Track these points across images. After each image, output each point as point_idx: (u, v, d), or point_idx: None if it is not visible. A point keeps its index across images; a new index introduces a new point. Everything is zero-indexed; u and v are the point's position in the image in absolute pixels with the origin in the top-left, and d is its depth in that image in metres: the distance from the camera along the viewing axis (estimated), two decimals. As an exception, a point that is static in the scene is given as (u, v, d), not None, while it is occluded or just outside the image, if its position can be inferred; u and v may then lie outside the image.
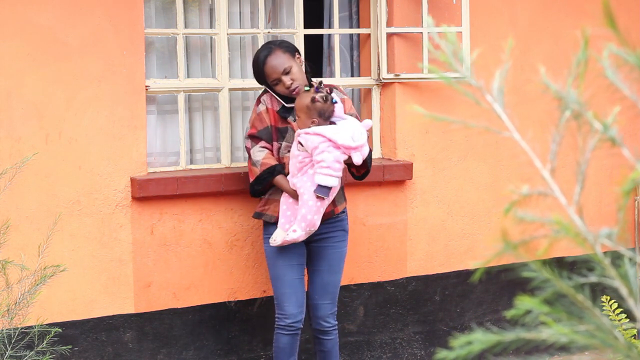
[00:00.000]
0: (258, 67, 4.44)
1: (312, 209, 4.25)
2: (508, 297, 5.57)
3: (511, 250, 1.19)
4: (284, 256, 4.44)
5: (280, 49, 4.44)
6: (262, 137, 4.44)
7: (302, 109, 4.24)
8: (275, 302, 4.52)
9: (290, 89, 4.38)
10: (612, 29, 1.07)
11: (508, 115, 1.23)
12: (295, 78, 4.38)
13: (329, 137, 4.19)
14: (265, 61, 4.41)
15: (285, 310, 4.46)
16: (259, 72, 4.45)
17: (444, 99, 5.27)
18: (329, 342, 4.57)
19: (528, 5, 5.53)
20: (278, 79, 4.39)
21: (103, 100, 4.53)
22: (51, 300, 4.33)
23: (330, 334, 4.57)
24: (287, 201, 4.37)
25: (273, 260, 4.48)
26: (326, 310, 4.54)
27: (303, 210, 4.26)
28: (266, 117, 4.44)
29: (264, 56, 4.43)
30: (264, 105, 4.45)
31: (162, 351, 4.76)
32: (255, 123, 4.45)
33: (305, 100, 4.24)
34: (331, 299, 4.55)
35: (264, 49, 4.48)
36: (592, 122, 1.18)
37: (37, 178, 4.39)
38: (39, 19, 4.37)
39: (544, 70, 1.23)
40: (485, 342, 1.28)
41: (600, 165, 5.73)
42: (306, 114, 4.24)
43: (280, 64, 4.39)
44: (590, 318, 1.26)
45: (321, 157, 4.19)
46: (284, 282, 4.45)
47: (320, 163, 4.20)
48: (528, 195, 1.24)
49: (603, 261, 1.25)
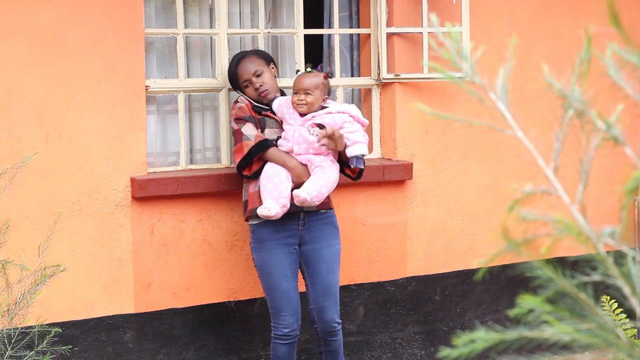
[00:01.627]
0: (231, 68, 4.57)
1: (331, 185, 4.38)
2: (508, 296, 5.57)
3: (514, 248, 1.19)
4: (277, 266, 4.42)
5: (255, 54, 4.59)
6: (249, 120, 4.46)
7: (317, 86, 4.40)
8: (271, 311, 4.48)
9: (259, 92, 4.47)
10: (617, 28, 1.07)
11: (512, 114, 1.23)
12: (265, 82, 4.48)
13: (352, 114, 4.40)
14: (239, 63, 4.54)
15: (283, 320, 4.43)
16: (232, 75, 4.57)
17: (444, 99, 5.27)
18: (336, 342, 4.55)
19: (528, 5, 5.53)
20: (249, 80, 4.49)
21: (103, 101, 4.53)
22: (51, 300, 4.33)
23: (338, 334, 4.55)
24: (267, 175, 4.34)
25: (266, 270, 4.44)
26: (332, 312, 4.51)
27: (322, 182, 4.32)
28: (247, 110, 4.49)
29: (238, 59, 4.58)
30: (242, 102, 4.51)
31: (162, 351, 4.76)
32: (239, 113, 4.48)
33: (317, 78, 4.42)
34: (334, 300, 4.53)
35: (239, 54, 4.65)
36: (595, 121, 1.18)
37: (37, 178, 4.39)
38: (39, 19, 4.37)
39: (547, 69, 1.23)
40: (488, 341, 1.28)
41: (601, 165, 5.73)
42: (321, 90, 4.42)
43: (252, 67, 4.51)
44: (593, 317, 1.26)
45: (355, 128, 4.35)
46: (279, 292, 4.43)
47: (354, 134, 4.33)
48: (531, 194, 1.24)
49: (606, 260, 1.25)
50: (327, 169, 4.37)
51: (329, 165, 4.39)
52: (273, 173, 4.35)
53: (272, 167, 4.37)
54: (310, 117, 4.40)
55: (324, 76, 4.44)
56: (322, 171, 4.36)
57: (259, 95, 4.48)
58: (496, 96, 1.19)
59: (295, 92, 4.44)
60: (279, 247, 4.42)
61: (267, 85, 4.48)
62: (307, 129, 4.39)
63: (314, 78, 4.42)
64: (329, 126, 4.33)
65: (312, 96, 4.39)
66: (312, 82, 4.41)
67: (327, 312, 4.50)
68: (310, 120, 4.39)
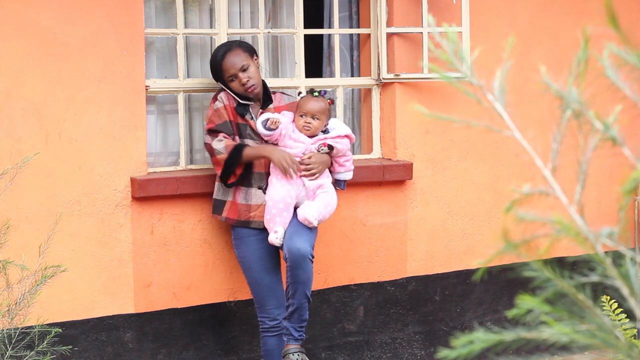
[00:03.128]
0: (216, 62, 4.52)
1: (334, 208, 4.55)
2: (508, 297, 5.57)
3: (512, 249, 1.19)
4: (258, 261, 4.51)
5: (240, 47, 4.54)
6: (221, 130, 4.46)
7: (324, 112, 4.50)
8: (256, 305, 4.55)
9: (246, 87, 4.47)
10: (615, 28, 1.07)
11: (509, 115, 1.23)
12: (251, 76, 4.48)
13: (351, 138, 4.59)
14: (224, 57, 4.50)
15: (269, 313, 4.50)
16: (216, 68, 4.53)
17: (444, 99, 5.27)
18: (304, 273, 4.37)
19: (528, 5, 5.53)
20: (235, 74, 4.47)
21: (103, 100, 4.53)
22: (51, 300, 4.33)
23: (307, 265, 4.37)
24: (277, 206, 4.40)
25: (248, 265, 4.54)
26: (301, 242, 4.34)
27: (329, 208, 4.48)
28: (224, 113, 4.48)
29: (223, 52, 4.52)
30: (220, 103, 4.50)
31: (162, 351, 4.76)
32: (213, 118, 4.48)
33: (325, 104, 4.51)
34: (306, 236, 4.39)
35: (223, 46, 4.59)
36: (593, 122, 1.18)
37: (37, 178, 4.39)
38: (39, 19, 4.37)
39: (545, 70, 1.23)
40: (486, 342, 1.28)
41: (600, 165, 5.73)
42: (327, 116, 4.52)
43: (239, 61, 4.48)
44: (592, 318, 1.26)
45: (350, 156, 4.60)
46: (262, 286, 4.51)
47: (350, 161, 4.59)
48: (529, 195, 1.24)
49: (604, 261, 1.25)
50: (330, 192, 4.50)
51: (332, 188, 4.52)
52: (279, 198, 4.41)
53: (277, 191, 4.41)
54: (322, 137, 4.50)
55: (330, 102, 4.55)
56: (329, 196, 4.49)
57: (246, 90, 4.48)
58: (494, 97, 1.19)
59: (302, 115, 4.47)
60: (258, 242, 4.50)
61: (253, 80, 4.49)
62: (318, 147, 4.49)
63: (323, 104, 4.50)
64: (337, 150, 4.50)
65: (319, 121, 4.49)
66: (321, 108, 4.49)
67: (296, 242, 4.33)
68: (322, 139, 4.49)
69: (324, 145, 4.48)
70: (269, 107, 4.58)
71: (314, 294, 5.03)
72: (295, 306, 4.35)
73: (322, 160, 4.48)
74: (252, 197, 4.51)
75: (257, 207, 4.50)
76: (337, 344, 5.20)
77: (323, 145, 4.48)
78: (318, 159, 4.47)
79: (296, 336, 4.40)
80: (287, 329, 4.41)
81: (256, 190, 4.51)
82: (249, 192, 4.51)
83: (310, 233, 4.41)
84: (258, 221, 4.50)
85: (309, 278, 4.33)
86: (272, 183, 4.46)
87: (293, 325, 4.39)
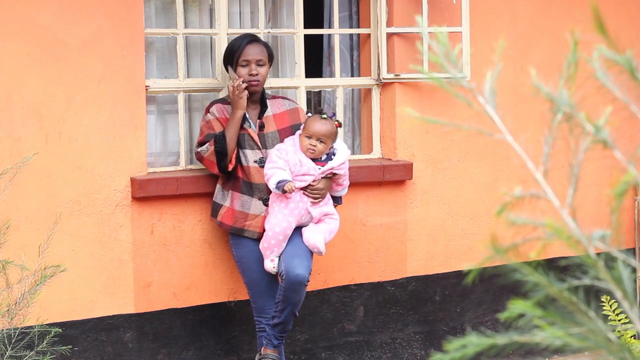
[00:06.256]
0: (240, 44, 4.52)
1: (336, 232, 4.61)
2: (508, 297, 5.56)
3: (501, 254, 1.18)
4: (256, 263, 4.51)
5: (265, 47, 4.59)
6: (208, 140, 4.49)
7: (330, 136, 4.45)
8: (253, 305, 4.57)
9: (252, 78, 4.48)
10: (602, 34, 1.07)
11: (501, 117, 1.22)
12: (261, 74, 4.51)
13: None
14: (250, 43, 4.53)
15: (267, 313, 4.51)
16: (234, 49, 4.52)
17: (444, 99, 5.27)
18: (297, 295, 4.40)
19: (528, 5, 5.53)
20: (250, 62, 4.49)
21: (103, 100, 4.53)
22: (51, 300, 4.33)
23: (300, 288, 4.39)
24: (277, 237, 4.40)
25: (245, 266, 4.56)
26: (300, 268, 4.36)
27: (333, 234, 4.56)
28: (215, 125, 4.49)
29: (250, 39, 4.56)
30: (212, 115, 4.52)
31: (162, 351, 4.76)
32: (204, 130, 4.54)
33: (332, 127, 4.45)
34: (305, 260, 4.42)
35: (251, 35, 4.63)
36: (584, 124, 1.17)
37: (37, 178, 4.39)
38: (39, 19, 4.37)
39: (535, 73, 1.23)
40: (479, 346, 1.28)
41: (600, 166, 5.72)
42: (333, 140, 4.48)
43: (260, 54, 4.52)
44: (583, 320, 1.26)
45: (347, 174, 4.57)
46: (259, 287, 4.53)
47: (346, 179, 4.58)
48: (521, 197, 1.24)
49: (596, 264, 1.25)
50: (335, 218, 4.55)
51: (337, 215, 4.57)
52: (279, 230, 4.41)
53: (279, 223, 4.41)
54: (329, 168, 4.46)
55: (337, 125, 4.49)
56: (334, 223, 4.55)
57: (250, 81, 4.48)
58: (484, 99, 1.19)
59: (308, 136, 4.43)
60: (255, 245, 4.50)
61: (261, 77, 4.51)
62: (325, 174, 4.48)
63: (330, 127, 4.44)
64: (339, 175, 4.52)
65: (324, 145, 4.44)
66: (328, 131, 4.43)
67: (296, 267, 4.34)
68: (328, 170, 4.46)
69: (330, 174, 4.48)
70: (267, 115, 4.56)
71: (314, 294, 5.03)
72: (281, 320, 4.40)
73: (328, 185, 4.51)
74: (251, 207, 4.50)
75: (255, 217, 4.49)
76: (337, 344, 5.19)
77: (329, 174, 4.48)
78: (325, 185, 4.48)
79: (275, 344, 4.46)
80: (268, 334, 4.46)
81: (256, 200, 4.50)
82: (248, 201, 4.50)
83: (310, 257, 4.45)
84: (253, 231, 4.50)
85: (301, 300, 4.38)
86: (273, 212, 4.43)
87: (275, 334, 4.45)
